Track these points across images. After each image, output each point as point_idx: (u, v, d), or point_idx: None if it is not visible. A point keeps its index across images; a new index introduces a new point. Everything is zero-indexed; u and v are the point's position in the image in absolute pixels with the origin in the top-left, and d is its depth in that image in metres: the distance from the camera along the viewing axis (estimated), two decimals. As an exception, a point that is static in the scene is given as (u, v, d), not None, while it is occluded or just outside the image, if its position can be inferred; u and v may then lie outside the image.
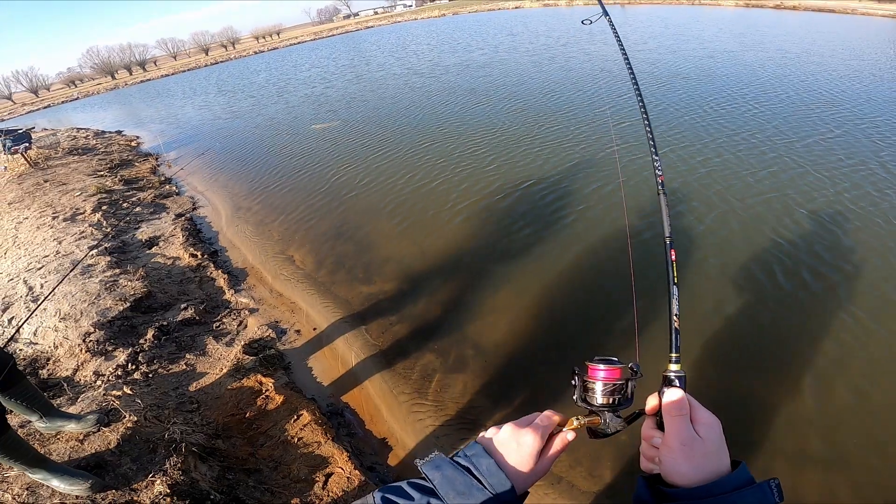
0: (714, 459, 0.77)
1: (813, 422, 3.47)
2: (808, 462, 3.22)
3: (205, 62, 38.90)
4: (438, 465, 0.83)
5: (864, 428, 3.39)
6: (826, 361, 3.91)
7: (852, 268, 4.90)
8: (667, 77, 13.15)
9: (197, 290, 6.05)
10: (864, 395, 3.61)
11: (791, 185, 6.46)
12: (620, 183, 7.02)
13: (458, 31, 37.06)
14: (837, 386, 3.70)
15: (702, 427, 0.80)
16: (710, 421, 0.81)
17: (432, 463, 0.84)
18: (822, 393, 3.67)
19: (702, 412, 0.83)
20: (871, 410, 3.50)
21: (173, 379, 4.37)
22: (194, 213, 8.58)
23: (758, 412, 3.61)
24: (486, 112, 11.86)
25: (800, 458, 3.26)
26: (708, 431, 0.79)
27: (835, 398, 3.62)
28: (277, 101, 18.09)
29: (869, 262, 4.96)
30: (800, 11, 37.56)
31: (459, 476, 0.81)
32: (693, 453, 0.77)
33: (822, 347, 4.05)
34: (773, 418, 3.53)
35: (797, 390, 3.71)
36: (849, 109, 9.32)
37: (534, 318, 4.85)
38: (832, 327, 4.24)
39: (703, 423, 0.81)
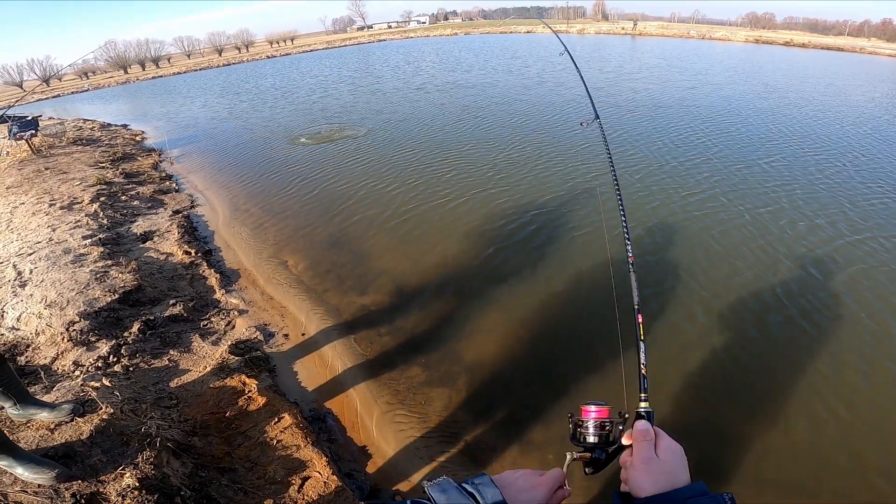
0: (670, 476, 0.87)
1: (776, 451, 3.55)
2: (770, 488, 3.29)
3: (217, 63, 39.15)
4: (445, 488, 0.88)
5: (822, 458, 3.48)
6: (789, 394, 4.01)
7: (818, 307, 5.05)
8: (641, 106, 14.26)
9: (187, 288, 6.00)
10: (820, 427, 3.72)
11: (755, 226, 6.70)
12: (604, 223, 7.00)
13: (466, 50, 37.63)
14: (799, 418, 3.79)
15: (662, 451, 0.92)
16: (671, 446, 0.94)
17: (439, 486, 0.88)
18: (786, 424, 3.75)
19: (665, 440, 0.95)
20: (831, 441, 3.61)
21: (154, 374, 4.31)
22: (192, 211, 8.56)
23: (725, 442, 3.63)
24: (491, 134, 12.03)
25: (762, 484, 3.32)
26: (666, 454, 0.92)
27: (797, 429, 3.70)
28: (284, 107, 18.21)
29: (834, 302, 5.14)
30: (809, 49, 38.45)
31: (464, 501, 0.85)
32: (651, 470, 0.89)
33: (786, 382, 4.15)
34: (740, 448, 3.58)
35: (763, 423, 3.78)
36: (813, 146, 10.15)
37: (519, 340, 4.85)
38: (795, 364, 4.36)
39: (664, 447, 0.93)
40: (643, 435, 0.95)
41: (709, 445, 3.60)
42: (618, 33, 54.20)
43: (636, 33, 53.30)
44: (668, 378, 4.22)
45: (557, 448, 3.64)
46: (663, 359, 4.45)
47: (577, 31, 57.39)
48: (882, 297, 5.21)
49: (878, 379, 4.18)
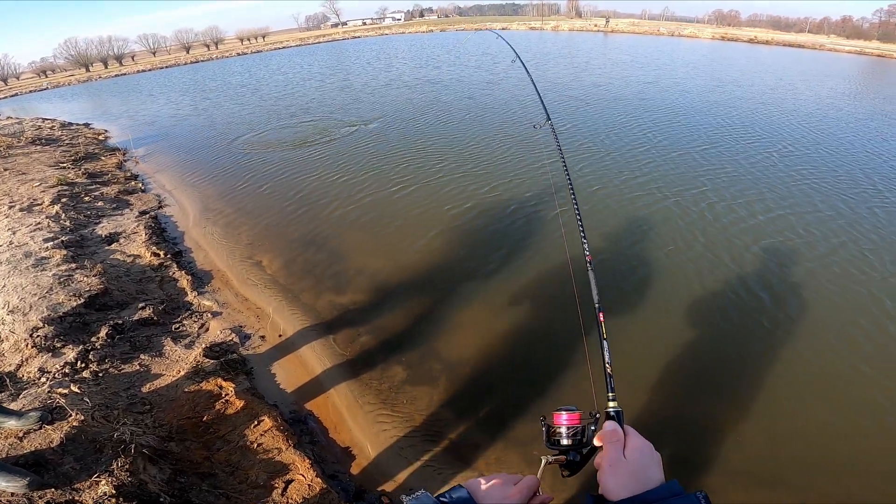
0: (637, 477, 0.86)
1: (743, 443, 3.62)
2: (741, 480, 3.35)
3: (185, 60, 38.04)
4: (424, 502, 0.88)
5: (796, 450, 3.56)
6: (760, 387, 4.11)
7: (785, 300, 5.20)
8: (599, 99, 15.15)
9: (157, 290, 5.82)
10: (795, 419, 3.81)
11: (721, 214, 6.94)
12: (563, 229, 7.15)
13: (440, 47, 37.60)
14: (770, 410, 3.89)
15: (630, 451, 0.91)
16: (638, 445, 0.93)
17: (418, 500, 0.88)
18: (758, 416, 3.83)
19: (633, 439, 0.95)
20: (804, 434, 3.69)
21: (125, 379, 4.16)
22: (160, 212, 8.30)
23: (693, 436, 3.70)
24: (470, 131, 12.03)
25: (731, 476, 3.38)
26: (633, 454, 0.91)
27: (768, 421, 3.79)
28: (253, 104, 17.85)
29: (802, 292, 5.31)
30: (772, 46, 40.00)
31: None
32: (617, 472, 0.88)
33: (757, 375, 4.24)
34: (707, 441, 3.64)
35: (734, 415, 3.86)
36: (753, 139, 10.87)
37: (499, 336, 4.86)
38: (765, 356, 4.46)
39: (631, 447, 0.92)
40: (610, 436, 0.95)
41: (676, 440, 3.66)
42: (591, 30, 54.98)
43: (608, 30, 54.16)
44: (633, 373, 4.28)
45: (539, 444, 3.59)
46: (626, 354, 4.50)
47: (552, 27, 57.98)
48: (784, 266, 5.72)
49: (834, 369, 4.32)
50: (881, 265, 5.74)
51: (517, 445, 3.69)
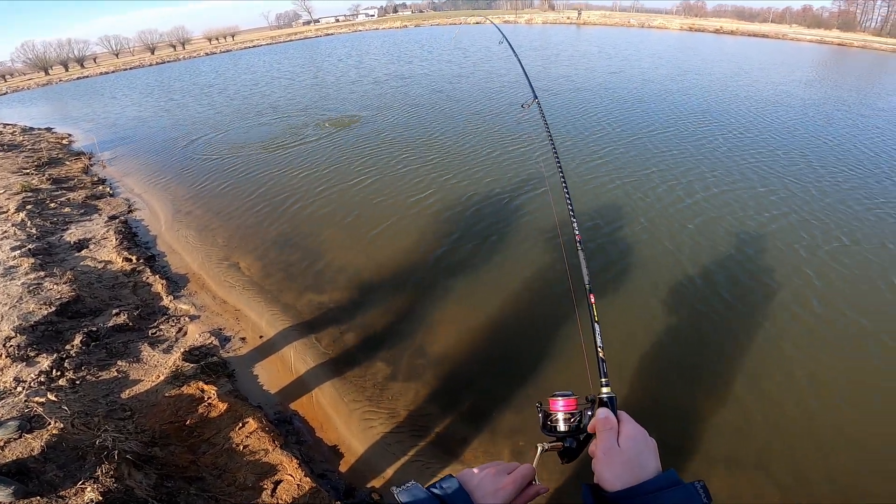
0: (633, 466, 0.83)
1: (738, 429, 3.72)
2: (728, 465, 3.45)
3: (149, 61, 36.85)
4: (415, 493, 0.86)
5: (781, 434, 3.67)
6: (745, 374, 4.21)
7: (780, 285, 5.35)
8: (565, 89, 15.79)
9: (131, 296, 5.70)
10: (778, 405, 3.91)
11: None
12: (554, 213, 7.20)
13: (414, 43, 37.43)
14: (757, 396, 3.99)
15: (623, 439, 0.88)
16: (632, 433, 0.90)
17: (409, 491, 0.86)
18: (745, 403, 3.93)
19: (627, 426, 0.92)
20: (787, 417, 3.80)
21: (103, 386, 4.07)
22: (130, 216, 8.11)
23: (687, 421, 3.79)
24: (444, 126, 12.04)
25: (721, 461, 3.48)
26: (627, 442, 0.87)
27: (755, 407, 3.88)
28: (221, 104, 17.50)
29: (794, 279, 5.44)
30: (737, 36, 41.17)
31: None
32: (612, 461, 0.85)
33: (741, 361, 4.36)
34: (701, 426, 3.74)
35: (722, 400, 3.96)
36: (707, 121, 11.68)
37: (481, 330, 4.89)
38: (751, 342, 4.58)
39: (625, 435, 0.89)
40: (604, 424, 0.92)
41: (662, 424, 3.73)
42: (563, 23, 55.47)
43: (580, 22, 54.71)
44: (620, 357, 4.38)
45: (527, 435, 3.69)
46: (613, 338, 4.60)
47: (525, 21, 58.21)
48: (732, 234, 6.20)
49: (818, 355, 4.49)
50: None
51: (504, 437, 3.73)
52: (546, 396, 1.07)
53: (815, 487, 3.29)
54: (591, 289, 1.45)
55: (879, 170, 8.69)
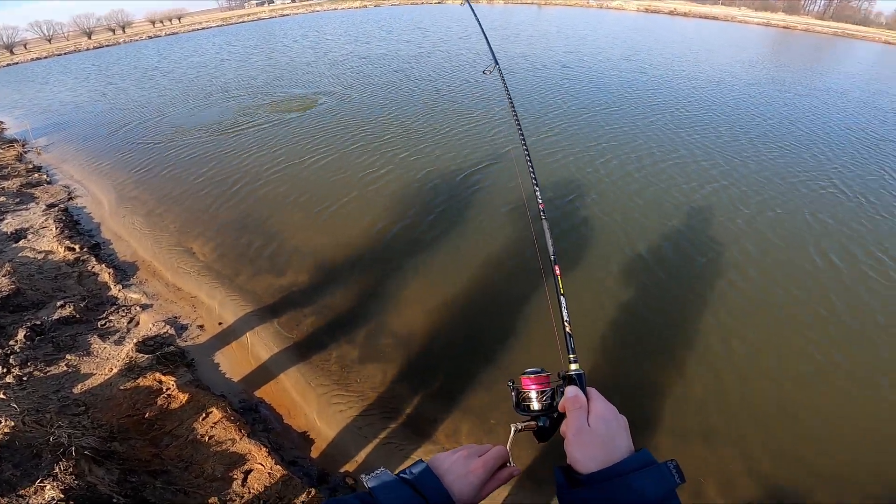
0: (604, 446, 0.81)
1: (697, 401, 3.85)
2: (692, 437, 3.57)
3: (86, 46, 34.32)
4: (384, 480, 0.84)
5: (741, 405, 3.83)
6: (689, 344, 4.39)
7: (721, 255, 5.62)
8: (521, 68, 16.13)
9: (76, 287, 5.39)
10: (718, 375, 4.09)
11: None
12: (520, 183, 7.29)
13: (374, 24, 36.51)
14: (715, 369, 4.15)
15: (594, 418, 0.86)
16: (602, 412, 0.87)
17: (378, 478, 0.85)
18: (703, 375, 4.08)
19: (597, 403, 0.89)
20: (725, 388, 3.97)
21: (53, 381, 3.85)
22: (70, 204, 7.63)
23: (649, 394, 3.89)
24: (399, 104, 11.88)
25: (684, 434, 3.59)
26: (597, 421, 0.85)
27: (697, 378, 4.05)
28: (165, 88, 16.59)
29: (734, 250, 5.72)
30: (690, 18, 42.58)
31: (404, 491, 0.82)
32: (582, 441, 0.82)
33: (686, 331, 4.54)
34: (663, 399, 3.85)
35: (682, 373, 4.10)
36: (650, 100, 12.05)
37: (448, 307, 4.89)
38: (694, 312, 4.78)
39: (595, 414, 0.87)
40: (573, 403, 0.89)
41: (623, 398, 3.79)
42: (525, 2, 55.32)
43: (542, 3, 54.67)
44: (593, 329, 4.48)
45: (498, 413, 3.72)
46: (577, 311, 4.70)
47: (487, 0, 57.60)
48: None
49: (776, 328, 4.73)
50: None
51: (474, 416, 3.75)
52: (518, 375, 1.04)
53: (755, 456, 3.44)
54: (556, 260, 1.41)
55: (814, 145, 9.29)
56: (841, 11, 62.18)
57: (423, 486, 0.83)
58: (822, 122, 10.99)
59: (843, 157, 8.73)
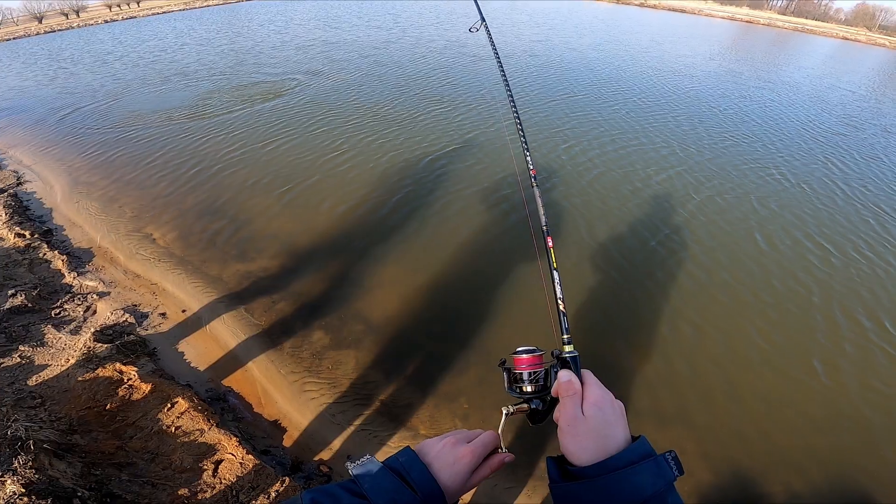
0: (598, 437, 0.77)
1: (648, 384, 3.98)
2: (645, 417, 3.69)
3: (36, 31, 32.30)
4: (370, 468, 0.81)
5: (690, 387, 3.97)
6: (655, 329, 4.52)
7: (673, 239, 5.83)
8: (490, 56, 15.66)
9: (27, 274, 5.12)
10: (668, 359, 4.21)
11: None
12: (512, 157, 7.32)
13: (345, 8, 35.76)
14: (665, 352, 4.28)
15: (588, 405, 0.80)
16: (598, 399, 0.82)
17: (363, 466, 0.82)
18: (655, 359, 4.21)
19: (592, 390, 0.84)
20: (696, 371, 4.11)
21: (6, 373, 3.65)
22: (20, 189, 7.20)
23: (600, 376, 4.00)
24: (374, 89, 11.67)
25: (637, 414, 3.71)
26: (592, 409, 0.80)
27: (663, 363, 4.17)
28: (119, 72, 15.76)
29: (685, 234, 5.95)
30: (659, 10, 43.53)
31: (390, 480, 0.79)
32: (577, 432, 0.78)
33: (652, 316, 4.67)
34: (615, 381, 3.97)
35: (635, 356, 4.23)
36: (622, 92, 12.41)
37: (421, 291, 4.86)
38: (649, 297, 4.92)
39: (590, 400, 0.81)
40: (566, 389, 0.84)
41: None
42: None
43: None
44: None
45: (473, 398, 3.73)
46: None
47: None
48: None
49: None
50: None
51: (448, 401, 3.74)
52: (509, 354, 0.99)
53: (703, 437, 3.59)
54: (549, 231, 1.26)
55: (765, 135, 9.77)
56: (802, 7, 64.32)
57: (410, 474, 0.80)
58: (773, 113, 11.57)
59: (791, 148, 9.22)
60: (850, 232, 6.21)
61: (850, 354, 4.34)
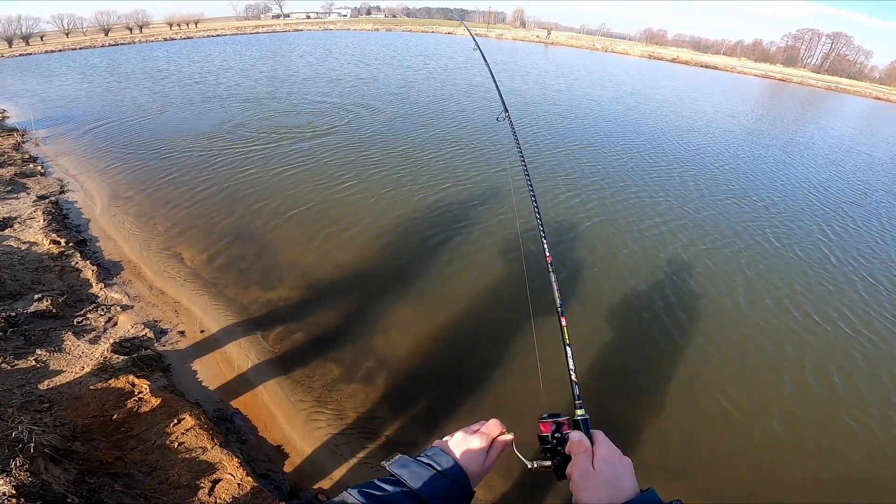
0: (608, 487, 0.85)
1: (663, 436, 3.88)
2: (659, 475, 3.58)
3: (101, 42, 34.37)
4: (404, 463, 0.92)
5: (708, 441, 3.88)
6: (679, 384, 4.43)
7: (700, 304, 5.69)
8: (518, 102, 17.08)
9: (56, 281, 5.24)
10: (706, 413, 4.14)
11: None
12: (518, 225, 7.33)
13: (382, 46, 37.24)
14: (691, 404, 4.21)
15: (598, 461, 0.90)
16: (606, 454, 0.92)
17: (398, 462, 0.93)
18: (669, 410, 4.13)
19: (602, 448, 0.94)
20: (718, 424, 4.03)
21: (19, 375, 3.68)
22: (62, 197, 7.49)
23: (618, 433, 3.85)
24: (413, 131, 11.97)
25: (649, 469, 3.59)
26: (602, 464, 0.89)
27: (678, 415, 4.09)
28: (175, 91, 16.51)
29: (711, 299, 5.81)
30: (691, 66, 43.91)
31: (423, 470, 0.91)
32: (588, 484, 0.87)
33: (676, 372, 4.58)
34: (632, 438, 3.85)
35: (658, 409, 4.13)
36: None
37: (435, 337, 4.80)
38: (685, 355, 4.83)
39: (600, 457, 0.91)
40: (577, 447, 0.94)
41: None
42: (533, 41, 56.90)
43: (549, 42, 56.28)
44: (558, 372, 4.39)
45: None
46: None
47: (496, 35, 58.99)
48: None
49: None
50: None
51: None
52: (537, 421, 1.06)
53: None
54: (563, 311, 1.40)
55: (770, 200, 9.64)
56: (837, 65, 64.28)
57: (440, 464, 0.92)
58: (787, 175, 11.71)
59: (793, 209, 9.21)
60: None
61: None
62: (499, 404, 4.01)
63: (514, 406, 4.01)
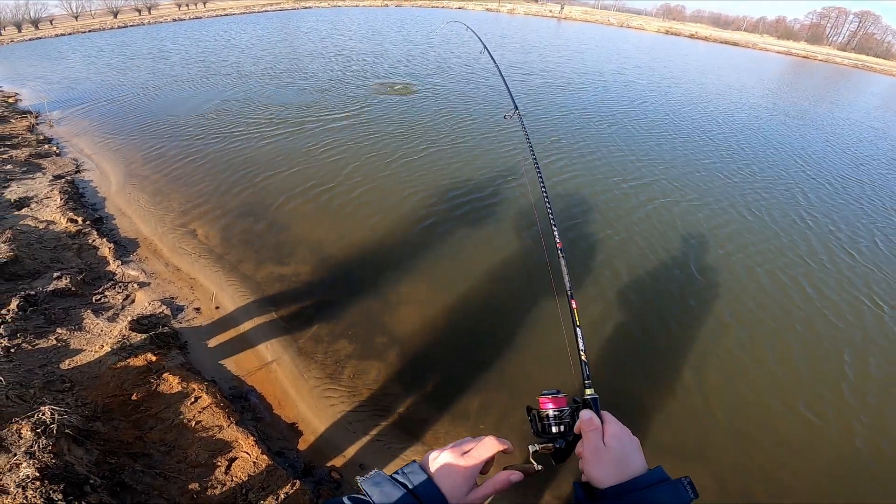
0: (619, 464, 0.89)
1: (674, 418, 3.86)
2: (669, 456, 3.57)
3: (111, 25, 34.20)
4: (378, 481, 0.87)
5: (721, 421, 3.86)
6: (692, 368, 4.37)
7: (716, 286, 5.58)
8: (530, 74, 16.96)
9: (74, 259, 5.32)
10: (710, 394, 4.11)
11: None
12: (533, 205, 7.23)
13: (391, 23, 36.53)
14: (703, 391, 4.14)
15: (608, 438, 0.93)
16: (617, 432, 0.95)
17: (372, 479, 0.87)
18: (682, 393, 4.09)
19: (611, 426, 0.96)
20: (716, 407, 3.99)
21: (40, 355, 3.77)
22: (77, 176, 7.57)
23: (630, 415, 3.84)
24: (425, 106, 11.83)
25: (662, 451, 3.59)
26: (612, 441, 0.92)
27: (691, 397, 4.05)
28: (185, 70, 16.47)
29: (725, 283, 5.67)
30: (710, 42, 42.52)
31: (396, 492, 0.84)
32: (600, 460, 0.90)
33: (686, 352, 4.53)
34: (645, 417, 3.85)
35: (662, 392, 4.09)
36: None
37: (448, 314, 4.81)
38: (696, 334, 4.79)
39: (610, 434, 0.94)
40: (588, 425, 0.96)
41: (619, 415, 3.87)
42: (545, 15, 55.35)
43: (562, 17, 54.70)
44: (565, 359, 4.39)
45: (488, 419, 3.68)
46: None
47: (508, 10, 57.43)
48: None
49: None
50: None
51: (465, 420, 3.68)
52: (535, 396, 1.07)
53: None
54: (573, 294, 1.45)
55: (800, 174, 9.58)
56: (864, 43, 61.86)
57: (414, 484, 0.86)
58: (814, 148, 11.73)
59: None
60: None
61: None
62: (509, 383, 4.03)
63: (528, 386, 4.02)
